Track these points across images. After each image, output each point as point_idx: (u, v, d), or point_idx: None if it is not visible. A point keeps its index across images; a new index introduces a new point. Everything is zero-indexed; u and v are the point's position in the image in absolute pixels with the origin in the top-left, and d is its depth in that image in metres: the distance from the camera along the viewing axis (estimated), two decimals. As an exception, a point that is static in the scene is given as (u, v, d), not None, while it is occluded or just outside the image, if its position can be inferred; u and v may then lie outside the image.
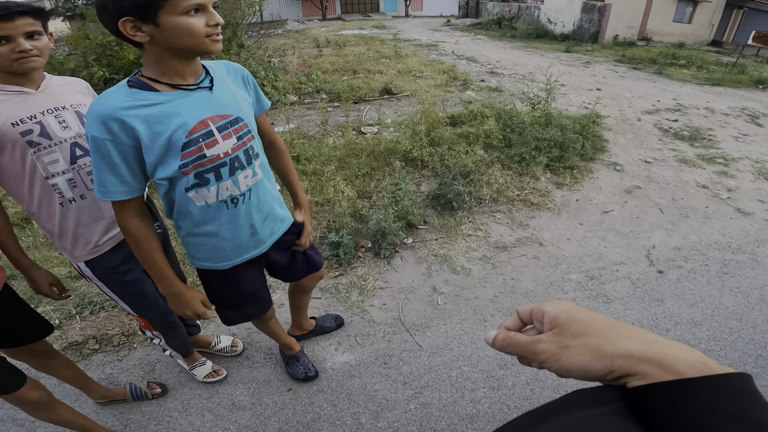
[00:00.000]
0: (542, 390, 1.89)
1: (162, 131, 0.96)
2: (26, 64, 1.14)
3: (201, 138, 1.01)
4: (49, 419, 1.45)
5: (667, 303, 2.40)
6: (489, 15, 20.74)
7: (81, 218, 1.30)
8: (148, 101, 0.95)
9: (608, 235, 3.04)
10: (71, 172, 1.26)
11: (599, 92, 6.89)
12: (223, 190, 1.09)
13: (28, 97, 1.19)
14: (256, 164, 1.16)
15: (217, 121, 1.04)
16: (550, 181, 3.73)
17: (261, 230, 1.25)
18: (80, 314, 2.31)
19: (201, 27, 0.92)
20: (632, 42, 14.08)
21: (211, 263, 1.24)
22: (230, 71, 1.15)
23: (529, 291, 2.50)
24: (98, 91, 3.30)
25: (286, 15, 25.27)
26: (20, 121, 1.16)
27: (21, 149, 1.17)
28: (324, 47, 11.40)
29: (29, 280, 1.38)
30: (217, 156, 1.05)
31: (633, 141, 4.79)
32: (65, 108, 1.25)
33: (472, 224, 3.11)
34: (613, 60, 10.51)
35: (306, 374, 1.92)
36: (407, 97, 6.26)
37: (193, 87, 1.01)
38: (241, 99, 1.12)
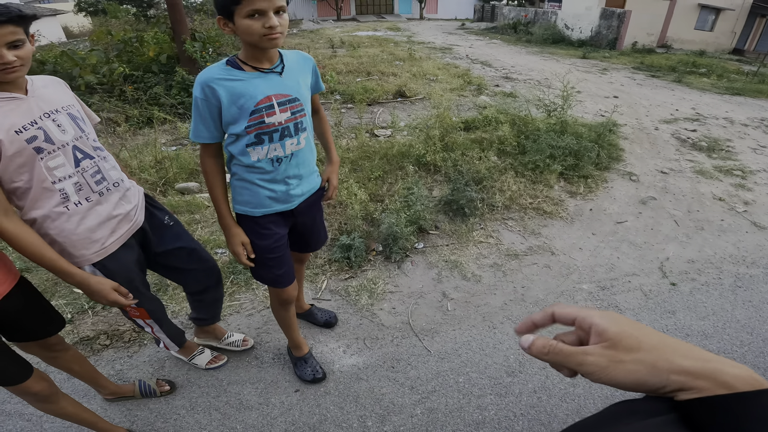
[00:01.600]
0: (549, 398, 1.88)
1: (238, 99, 1.27)
2: (9, 75, 1.09)
3: (264, 108, 1.30)
4: (52, 411, 1.44)
5: (679, 315, 2.38)
6: (504, 19, 20.66)
7: (87, 221, 1.28)
8: (233, 76, 1.27)
9: (621, 246, 3.01)
10: (76, 176, 1.25)
11: (616, 100, 6.80)
12: (272, 150, 1.38)
13: (21, 102, 1.15)
14: (302, 136, 1.43)
15: (279, 98, 1.33)
16: (564, 190, 3.70)
17: (294, 188, 1.50)
18: (92, 309, 2.33)
19: (258, 28, 1.17)
20: (651, 49, 13.88)
21: (248, 207, 1.49)
22: (301, 60, 1.45)
23: (540, 299, 2.48)
24: (121, 87, 3.27)
25: (301, 14, 25.49)
26: (23, 128, 1.13)
27: (29, 156, 1.14)
28: (338, 48, 11.45)
29: (90, 293, 1.30)
30: (273, 124, 1.33)
31: (649, 151, 4.73)
32: (58, 111, 1.23)
33: (484, 231, 3.10)
34: (631, 67, 10.38)
35: (314, 376, 1.93)
36: (421, 100, 6.25)
37: (267, 70, 1.31)
38: (302, 84, 1.41)
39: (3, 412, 1.80)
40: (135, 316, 1.60)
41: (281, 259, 1.61)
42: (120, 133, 4.47)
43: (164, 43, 6.12)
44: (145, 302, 1.55)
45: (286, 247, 1.63)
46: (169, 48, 6.14)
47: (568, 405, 1.86)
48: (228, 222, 1.49)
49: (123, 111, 5.01)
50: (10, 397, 1.84)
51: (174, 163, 3.79)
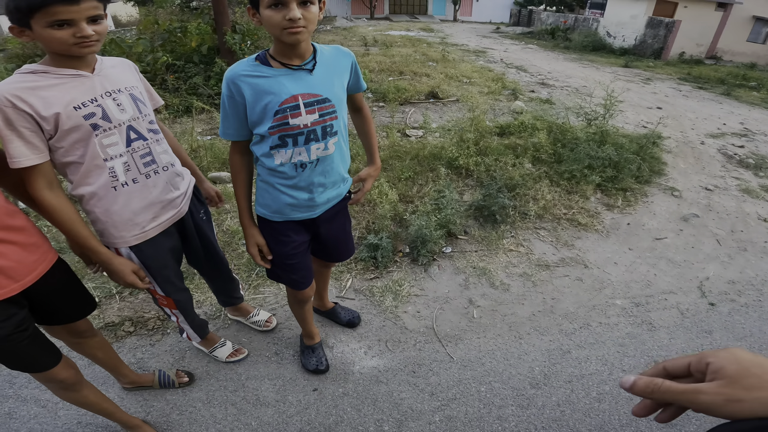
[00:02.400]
0: (573, 413, 1.81)
1: (262, 98, 1.20)
2: (85, 49, 1.10)
3: (289, 109, 1.21)
4: (73, 400, 1.42)
5: (716, 335, 2.28)
6: (542, 24, 20.24)
7: (131, 203, 1.29)
8: (260, 73, 1.20)
9: (659, 263, 2.87)
10: (126, 155, 1.26)
11: (660, 111, 6.52)
12: (296, 154, 1.29)
13: (85, 80, 1.17)
14: (331, 141, 1.33)
15: (307, 98, 1.23)
16: (601, 202, 3.56)
17: (317, 196, 1.41)
18: (120, 294, 2.35)
19: (279, 20, 1.09)
20: (699, 60, 13.29)
21: (267, 212, 1.43)
22: (339, 57, 1.34)
23: (570, 312, 2.39)
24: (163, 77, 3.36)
25: (335, 12, 25.66)
26: (82, 104, 1.15)
27: (85, 132, 1.16)
28: (371, 46, 11.45)
29: (111, 271, 1.32)
30: (298, 126, 1.24)
31: (694, 166, 4.50)
32: (120, 91, 1.24)
33: (515, 239, 3.01)
34: (676, 78, 9.96)
35: (317, 367, 1.93)
36: (454, 102, 6.17)
37: (296, 68, 1.22)
38: (337, 83, 1.31)
39: (19, 398, 1.81)
40: (162, 305, 1.62)
41: (299, 264, 1.56)
42: (160, 120, 4.59)
43: (206, 34, 6.26)
44: (174, 292, 1.56)
45: (305, 253, 1.58)
46: (210, 39, 6.27)
47: (592, 420, 1.79)
48: (245, 222, 1.44)
49: (163, 99, 5.16)
50: (29, 382, 1.86)
51: (208, 153, 3.86)
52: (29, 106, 1.06)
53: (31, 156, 1.10)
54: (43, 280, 1.19)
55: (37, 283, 1.17)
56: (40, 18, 1.02)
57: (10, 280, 1.09)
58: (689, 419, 1.80)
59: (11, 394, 1.83)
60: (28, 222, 1.16)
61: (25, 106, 1.06)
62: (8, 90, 1.05)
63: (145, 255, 1.38)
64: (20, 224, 1.13)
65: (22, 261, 1.12)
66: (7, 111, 1.04)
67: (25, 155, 1.09)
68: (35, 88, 1.08)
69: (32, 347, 1.20)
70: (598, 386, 1.95)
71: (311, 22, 1.14)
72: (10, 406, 1.78)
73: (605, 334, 2.25)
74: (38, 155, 1.11)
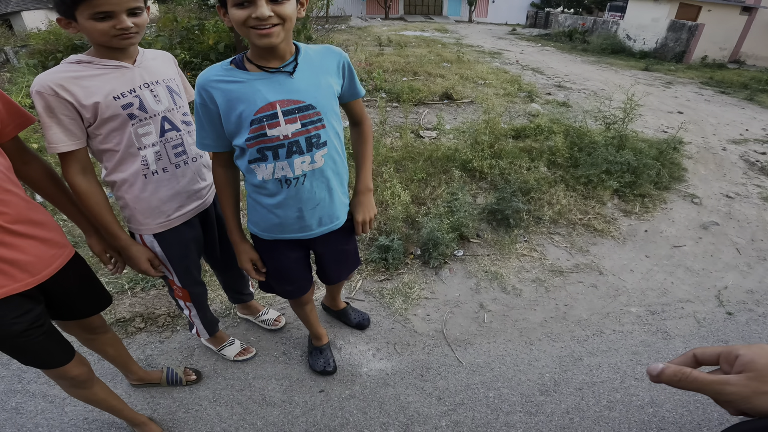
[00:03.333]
0: (582, 420, 1.78)
1: (235, 106, 1.08)
2: (125, 41, 1.15)
3: (265, 118, 1.08)
4: (82, 397, 1.41)
5: (731, 344, 2.20)
6: (559, 27, 19.99)
7: (159, 191, 1.33)
8: (232, 78, 1.08)
9: (677, 271, 2.79)
10: (159, 145, 1.30)
11: (681, 116, 6.36)
12: (278, 169, 1.15)
13: (125, 71, 1.21)
14: (319, 153, 1.17)
15: (286, 105, 1.09)
16: (618, 208, 3.48)
17: (308, 217, 1.27)
18: (132, 290, 2.37)
19: (245, 18, 0.97)
20: (722, 64, 12.95)
21: (256, 229, 1.34)
22: (327, 55, 1.18)
23: (583, 319, 2.34)
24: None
25: (350, 11, 25.74)
26: (121, 95, 1.19)
27: (122, 121, 1.21)
28: (385, 46, 11.44)
29: (128, 257, 1.37)
30: (277, 137, 1.11)
31: (715, 172, 4.37)
32: (158, 83, 1.28)
33: (528, 244, 2.96)
34: (698, 82, 9.71)
35: (324, 368, 1.91)
36: (468, 104, 6.11)
37: (274, 70, 1.08)
38: (323, 86, 1.15)
39: (27, 393, 1.83)
40: (178, 296, 1.63)
41: (292, 277, 1.51)
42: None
43: (223, 32, 6.32)
44: (191, 285, 1.58)
45: (300, 267, 1.49)
46: (227, 37, 6.33)
47: (601, 428, 1.75)
48: (235, 238, 1.36)
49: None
50: (37, 377, 1.87)
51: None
52: (71, 95, 1.11)
53: (67, 142, 1.15)
54: (60, 275, 1.20)
55: (53, 278, 1.17)
56: (84, 10, 1.06)
57: (27, 274, 1.09)
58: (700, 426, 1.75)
59: (19, 389, 1.85)
60: (47, 216, 1.18)
61: (66, 95, 1.11)
62: (52, 79, 1.10)
63: (167, 243, 1.41)
64: (40, 218, 1.14)
65: (41, 255, 1.12)
66: (50, 99, 1.10)
67: (63, 141, 1.14)
68: (78, 78, 1.13)
69: (47, 343, 1.20)
70: (609, 394, 1.90)
71: (288, 20, 1.01)
72: (17, 401, 1.80)
73: (618, 342, 2.20)
74: (75, 142, 1.17)
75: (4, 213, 1.03)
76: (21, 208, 1.08)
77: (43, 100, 1.10)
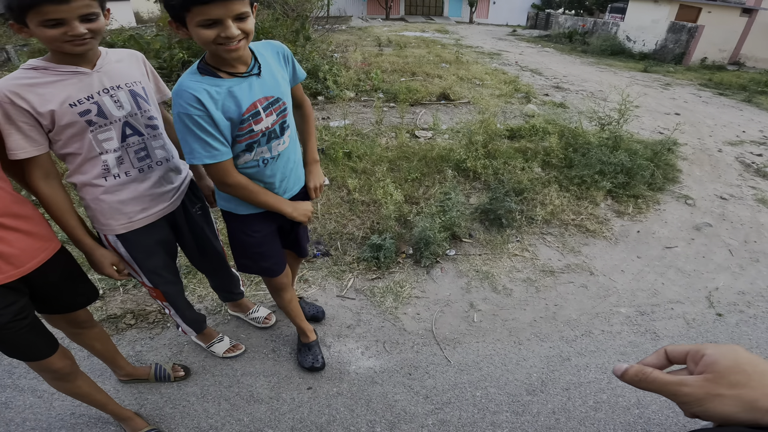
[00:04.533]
0: (567, 420, 1.79)
1: (225, 109, 1.16)
2: (78, 47, 1.10)
3: (251, 117, 1.21)
4: (66, 390, 1.42)
5: None
6: (560, 28, 19.99)
7: (120, 194, 1.32)
8: (215, 85, 1.15)
9: (668, 272, 2.81)
10: (120, 150, 1.28)
11: (677, 117, 6.37)
12: (259, 153, 1.31)
13: (83, 77, 1.18)
14: (286, 135, 1.37)
15: (263, 102, 1.24)
16: (611, 209, 3.49)
17: (278, 187, 1.44)
18: (123, 286, 2.39)
19: (213, 37, 1.05)
20: (721, 66, 12.96)
21: (232, 205, 1.44)
22: (272, 51, 1.32)
23: (572, 320, 2.35)
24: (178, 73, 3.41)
25: (351, 11, 25.71)
26: (78, 101, 1.16)
27: (80, 128, 1.19)
28: (385, 46, 11.44)
29: (92, 261, 1.36)
30: (261, 130, 1.26)
31: (710, 174, 4.38)
32: (120, 87, 1.25)
33: (520, 244, 2.97)
34: (697, 83, 9.71)
35: (312, 364, 1.93)
36: (465, 104, 6.12)
37: (245, 74, 1.19)
38: (280, 79, 1.31)
39: (16, 387, 1.84)
40: (153, 296, 1.64)
41: (268, 252, 1.58)
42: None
43: (221, 32, 6.33)
44: (162, 284, 1.57)
45: (273, 240, 1.59)
46: (224, 38, 6.34)
47: (587, 429, 1.76)
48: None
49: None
50: (27, 372, 1.88)
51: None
52: (27, 103, 1.10)
53: (28, 148, 1.14)
54: (45, 268, 1.20)
55: (38, 271, 1.18)
56: (33, 17, 1.03)
57: (10, 266, 1.10)
58: None
59: (9, 384, 1.85)
60: (33, 210, 1.19)
61: (22, 103, 1.09)
62: (7, 87, 1.08)
63: (130, 244, 1.40)
64: (26, 212, 1.15)
65: (25, 248, 1.14)
66: (6, 107, 1.08)
67: (23, 148, 1.13)
68: (33, 85, 1.11)
69: (30, 336, 1.21)
70: (596, 395, 1.91)
71: (250, 34, 1.11)
72: (7, 395, 1.81)
73: (607, 343, 2.21)
74: (35, 148, 1.15)
75: None
76: (6, 201, 1.09)
77: (0, 108, 1.08)
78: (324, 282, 2.53)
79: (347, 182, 3.37)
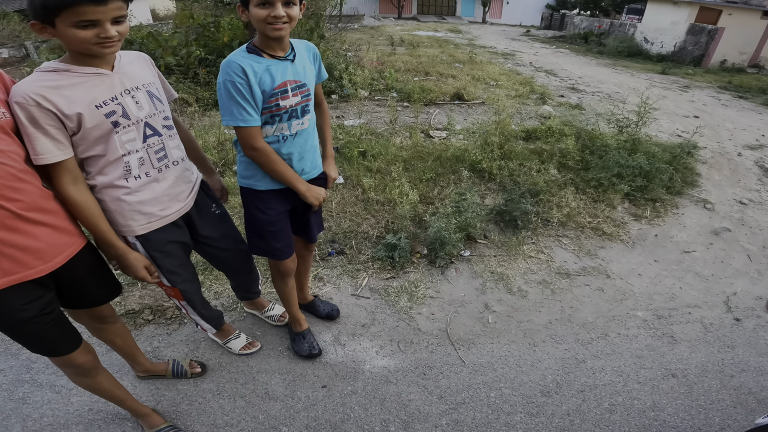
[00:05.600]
0: (582, 422, 1.78)
1: (262, 82, 1.37)
2: (107, 49, 1.10)
3: (280, 93, 1.41)
4: (87, 385, 1.42)
5: (738, 350, 2.22)
6: (575, 29, 19.78)
7: (141, 194, 1.31)
8: (257, 62, 1.37)
9: (686, 277, 2.77)
10: (142, 151, 1.28)
11: (697, 120, 6.26)
12: (279, 129, 1.48)
13: (105, 78, 1.18)
14: (306, 117, 1.54)
15: (292, 84, 1.44)
16: (628, 212, 3.44)
17: (296, 165, 1.57)
18: (142, 282, 2.41)
19: (264, 16, 1.28)
20: (741, 68, 12.69)
21: (252, 181, 1.57)
22: (306, 48, 1.54)
23: (588, 322, 2.33)
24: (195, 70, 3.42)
25: (363, 10, 25.64)
26: (103, 103, 1.16)
27: (106, 130, 1.18)
28: (398, 46, 11.43)
29: (124, 264, 1.35)
30: (285, 107, 1.44)
31: (729, 178, 4.30)
32: (138, 88, 1.25)
33: (535, 246, 2.95)
34: (716, 86, 9.53)
35: (310, 351, 1.97)
36: (479, 105, 6.09)
37: (282, 58, 1.42)
38: (308, 70, 1.52)
39: (35, 383, 1.86)
40: (171, 296, 1.64)
41: (281, 233, 1.68)
42: (190, 113, 4.72)
43: (237, 29, 6.37)
44: (179, 283, 1.57)
45: (285, 222, 1.70)
46: (242, 34, 6.38)
47: (601, 431, 1.75)
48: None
49: (195, 92, 5.30)
50: (46, 367, 1.90)
51: (235, 146, 3.92)
52: (53, 105, 1.07)
53: (56, 152, 1.11)
54: (72, 263, 1.21)
55: (65, 266, 1.19)
56: (66, 17, 1.01)
57: (40, 260, 1.11)
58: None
59: (27, 379, 1.88)
60: (60, 205, 1.19)
61: (49, 105, 1.07)
62: (32, 89, 1.06)
63: (150, 244, 1.39)
64: (53, 207, 1.15)
65: (53, 243, 1.14)
66: (32, 109, 1.06)
67: (51, 152, 1.10)
68: (58, 87, 1.09)
69: (54, 331, 1.21)
70: (611, 397, 1.90)
71: (293, 20, 1.33)
72: (24, 390, 1.83)
73: (623, 345, 2.19)
74: (63, 151, 1.13)
75: (18, 200, 1.04)
76: (35, 196, 1.09)
77: (25, 111, 1.05)
78: (339, 280, 2.54)
79: (362, 181, 3.37)
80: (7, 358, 1.96)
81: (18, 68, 8.52)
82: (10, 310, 1.10)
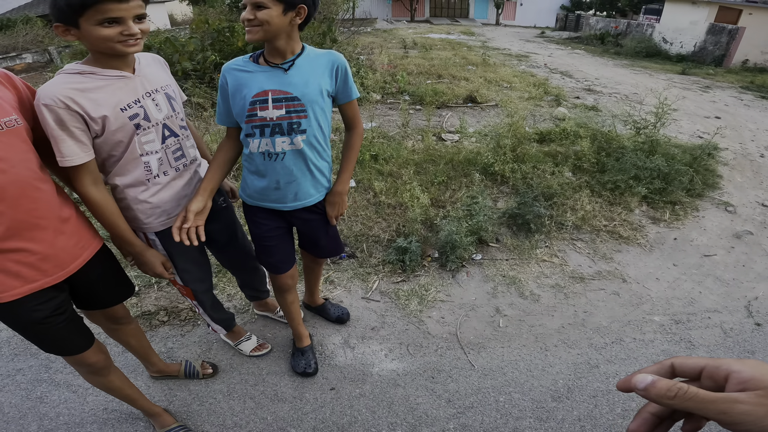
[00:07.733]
0: (593, 428, 1.74)
1: (240, 90, 1.33)
2: (130, 47, 1.12)
3: (258, 102, 1.33)
4: (99, 384, 1.44)
5: (758, 355, 2.16)
6: (591, 30, 19.50)
7: (161, 193, 1.35)
8: (245, 68, 1.34)
9: (706, 281, 2.69)
10: (161, 152, 1.31)
11: (718, 121, 6.09)
12: (263, 144, 1.39)
13: (128, 81, 1.20)
14: (298, 137, 1.39)
15: (276, 94, 1.33)
16: (646, 215, 3.36)
17: (284, 189, 1.48)
18: (158, 283, 2.45)
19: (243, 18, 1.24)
20: (764, 68, 12.32)
21: (244, 194, 1.57)
22: (326, 59, 1.38)
23: (602, 327, 2.27)
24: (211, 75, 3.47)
25: (376, 14, 25.75)
26: (127, 106, 1.19)
27: (128, 132, 1.21)
28: (410, 49, 11.44)
29: (142, 263, 1.38)
30: (264, 118, 1.34)
31: (751, 180, 4.16)
32: (157, 91, 1.28)
33: (549, 249, 2.90)
34: (738, 86, 9.26)
35: (304, 369, 1.94)
36: (493, 107, 6.04)
37: (274, 65, 1.33)
38: (312, 84, 1.35)
39: (52, 382, 1.90)
40: (184, 294, 1.67)
41: (273, 249, 1.64)
42: (205, 117, 4.80)
43: (252, 35, 6.47)
44: (191, 281, 1.60)
45: (282, 238, 1.64)
46: (255, 40, 6.48)
47: (614, 437, 1.70)
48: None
49: (210, 97, 5.39)
50: (64, 367, 1.94)
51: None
52: (80, 108, 1.10)
53: (81, 154, 1.14)
54: (87, 267, 1.23)
55: (80, 270, 1.21)
56: (91, 16, 1.03)
57: (57, 268, 1.14)
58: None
59: (45, 378, 1.92)
60: (77, 209, 1.22)
61: (77, 108, 1.10)
62: (60, 92, 1.08)
63: (169, 241, 1.44)
64: (70, 213, 1.18)
65: (69, 249, 1.17)
66: (60, 112, 1.08)
67: (77, 154, 1.13)
68: (85, 90, 1.11)
69: (66, 331, 1.23)
70: (624, 402, 1.85)
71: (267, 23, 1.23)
72: (42, 390, 1.87)
73: (638, 351, 2.13)
74: (87, 153, 1.16)
75: (34, 209, 1.06)
76: (54, 204, 1.12)
77: (53, 114, 1.07)
78: (349, 284, 2.54)
79: (374, 185, 3.37)
80: (26, 358, 2.01)
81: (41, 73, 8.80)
82: (23, 311, 1.12)
